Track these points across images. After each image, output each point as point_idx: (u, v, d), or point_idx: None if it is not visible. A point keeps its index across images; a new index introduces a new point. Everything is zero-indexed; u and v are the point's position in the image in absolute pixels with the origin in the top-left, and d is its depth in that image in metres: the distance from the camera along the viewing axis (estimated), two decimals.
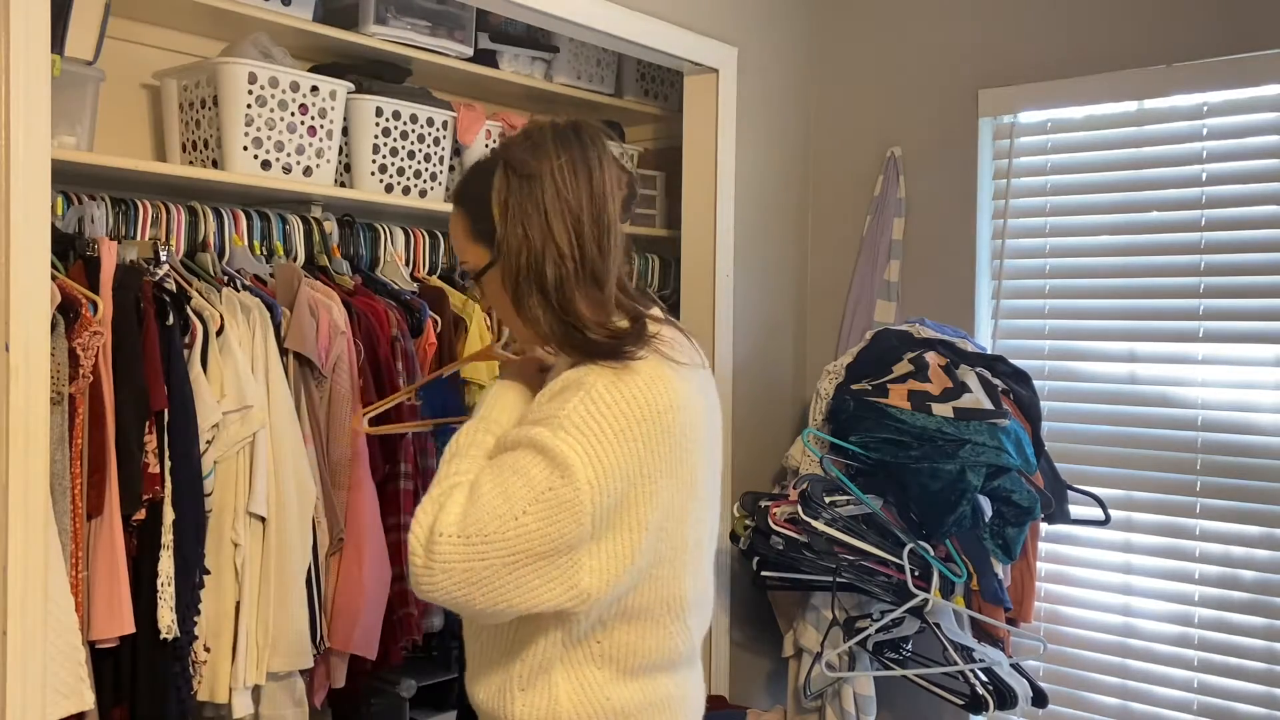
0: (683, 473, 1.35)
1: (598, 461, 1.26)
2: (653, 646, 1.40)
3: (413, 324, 2.41)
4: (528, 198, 1.35)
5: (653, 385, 1.31)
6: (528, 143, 1.38)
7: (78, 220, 2.05)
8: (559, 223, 1.34)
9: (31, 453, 1.60)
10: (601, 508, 1.27)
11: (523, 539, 1.24)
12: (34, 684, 1.62)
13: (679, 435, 1.33)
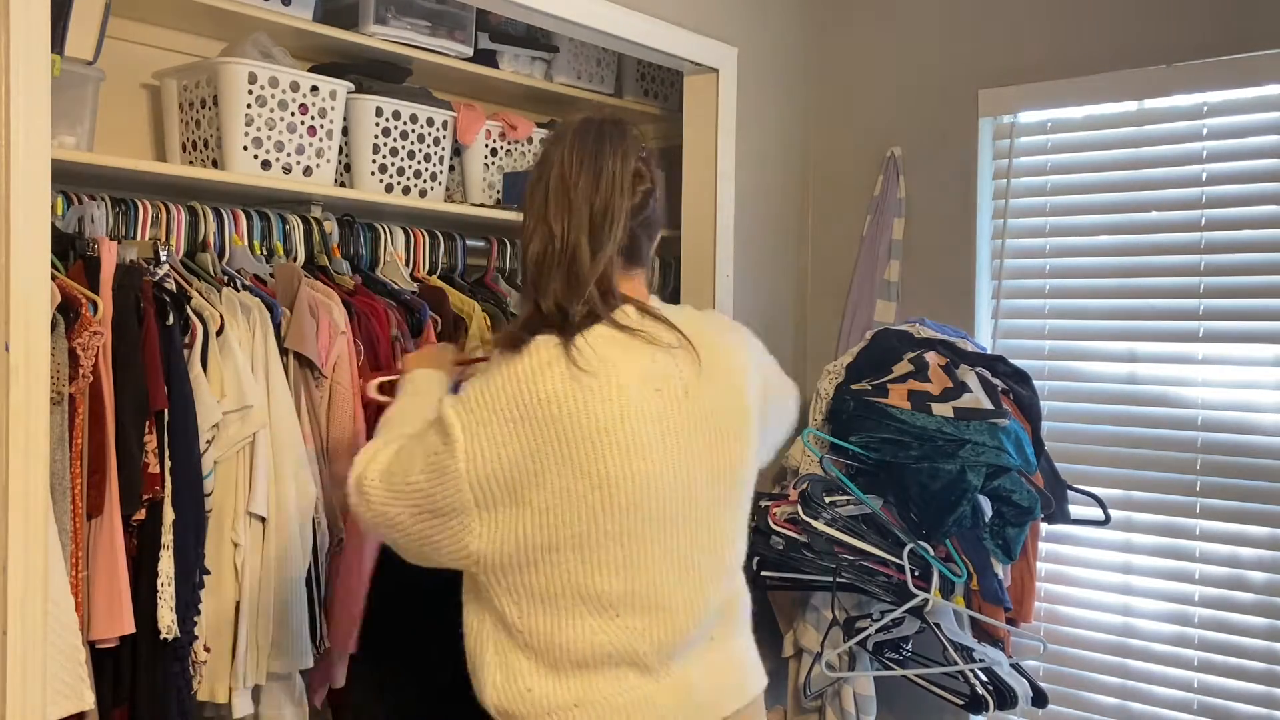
0: (581, 462, 1.35)
1: (477, 437, 1.34)
2: (574, 640, 1.39)
3: (413, 324, 2.41)
4: (537, 181, 1.45)
5: (538, 375, 1.35)
6: (552, 134, 1.49)
7: (78, 220, 2.05)
8: (553, 206, 1.42)
9: (31, 453, 1.60)
10: (481, 480, 1.35)
11: (418, 494, 1.38)
12: (34, 684, 1.62)
13: (570, 426, 1.34)
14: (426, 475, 1.37)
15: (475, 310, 2.53)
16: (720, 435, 1.47)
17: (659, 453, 1.39)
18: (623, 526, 1.38)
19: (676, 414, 1.42)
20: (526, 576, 1.39)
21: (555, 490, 1.35)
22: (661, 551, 1.42)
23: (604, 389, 1.36)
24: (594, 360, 1.37)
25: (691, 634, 1.47)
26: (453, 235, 2.71)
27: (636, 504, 1.38)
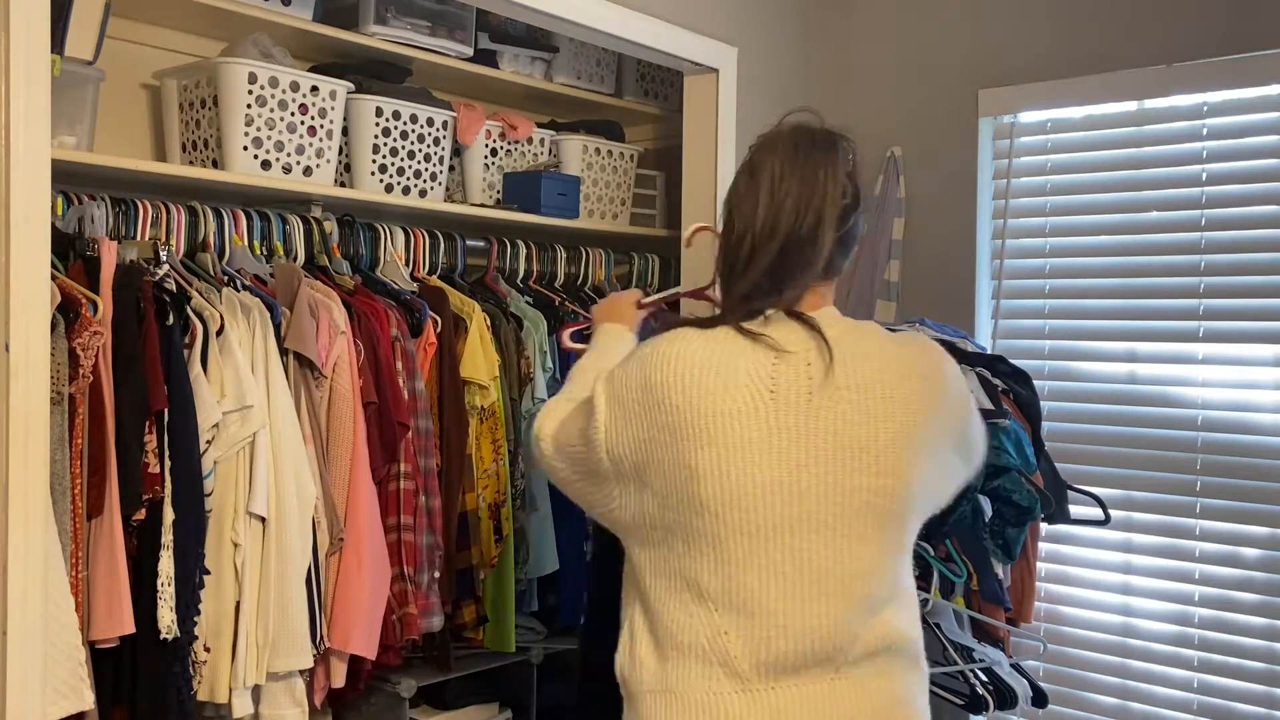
0: (682, 453, 1.35)
1: (614, 414, 1.42)
2: (677, 621, 1.40)
3: (413, 324, 2.41)
4: (748, 181, 1.46)
5: (660, 360, 1.39)
6: (764, 139, 1.50)
7: (78, 220, 2.05)
8: (764, 208, 1.43)
9: (31, 453, 1.60)
10: (615, 455, 1.42)
11: (577, 458, 1.49)
12: (34, 684, 1.62)
13: (678, 416, 1.36)
14: (581, 443, 1.47)
15: (475, 310, 2.53)
16: (853, 451, 1.38)
17: (761, 454, 1.36)
18: (716, 522, 1.36)
19: (792, 418, 1.37)
20: (649, 551, 1.45)
21: (664, 475, 1.39)
22: (759, 557, 1.37)
23: (714, 384, 1.36)
24: (715, 355, 1.38)
25: (801, 655, 1.38)
26: (453, 235, 2.71)
27: (730, 501, 1.36)
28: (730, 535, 1.37)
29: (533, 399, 2.68)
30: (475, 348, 2.50)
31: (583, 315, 2.26)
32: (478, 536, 2.49)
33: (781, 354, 1.38)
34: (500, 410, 2.55)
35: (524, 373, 2.65)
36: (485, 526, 2.51)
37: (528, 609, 2.73)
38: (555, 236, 3.04)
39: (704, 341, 1.39)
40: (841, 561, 1.39)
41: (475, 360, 2.49)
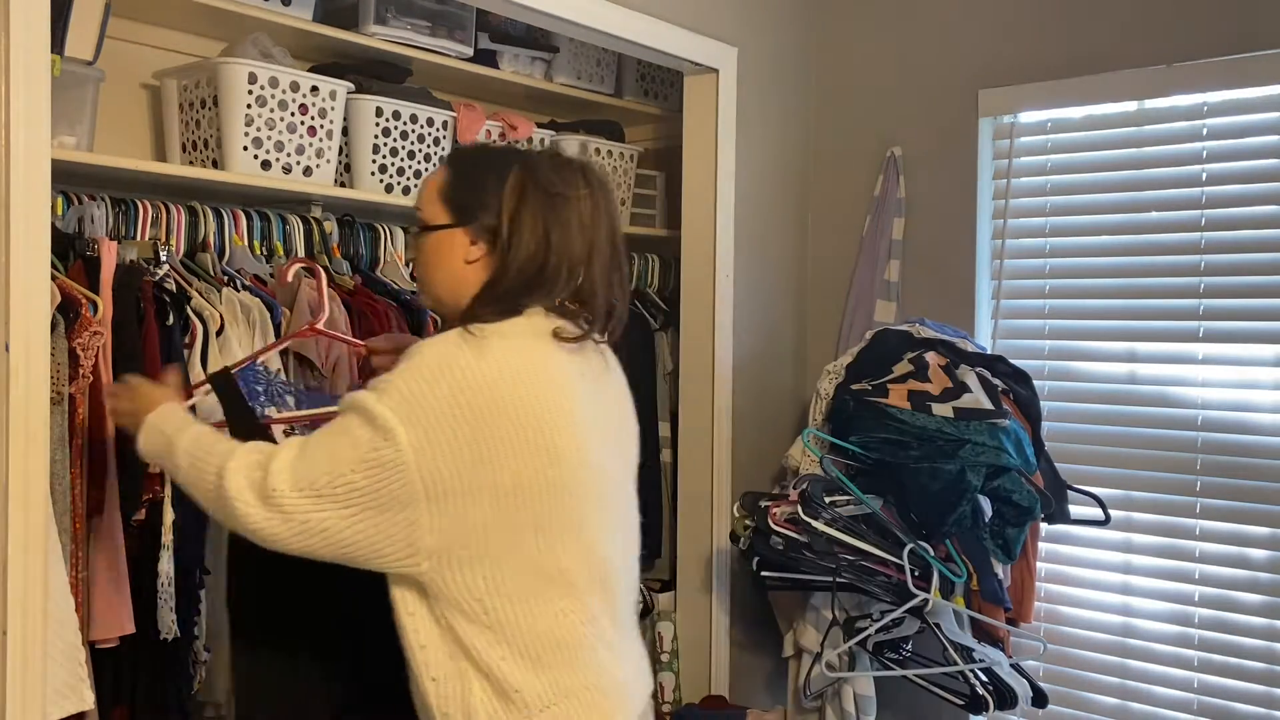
0: (534, 439, 1.37)
1: (421, 427, 1.33)
2: (550, 626, 1.40)
3: (413, 324, 2.41)
4: (553, 213, 1.47)
5: (478, 362, 1.37)
6: (553, 164, 1.51)
7: (77, 220, 2.05)
8: (577, 244, 1.48)
9: (31, 453, 1.60)
10: (431, 471, 1.33)
11: (356, 493, 1.33)
12: (34, 684, 1.62)
13: (527, 406, 1.37)
14: (365, 474, 1.33)
15: None
16: (628, 421, 1.64)
17: (599, 430, 1.49)
18: (577, 502, 1.42)
19: (602, 396, 1.53)
20: (486, 568, 1.37)
21: (514, 471, 1.36)
22: (607, 529, 1.50)
23: (559, 368, 1.43)
24: (529, 348, 1.42)
25: (631, 610, 1.58)
26: None
27: (589, 478, 1.44)
28: (591, 512, 1.45)
29: None
30: None
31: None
32: None
33: (578, 345, 1.49)
34: None
35: None
36: None
37: None
38: None
39: (510, 338, 1.41)
40: (634, 521, 1.64)
41: None
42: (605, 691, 1.45)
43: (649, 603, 3.00)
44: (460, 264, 1.49)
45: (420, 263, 1.57)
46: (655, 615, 3.01)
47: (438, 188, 1.53)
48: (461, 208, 1.49)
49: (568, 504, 1.41)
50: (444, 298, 1.52)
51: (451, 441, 1.34)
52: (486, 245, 1.48)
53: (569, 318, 1.49)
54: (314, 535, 1.35)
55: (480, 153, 1.61)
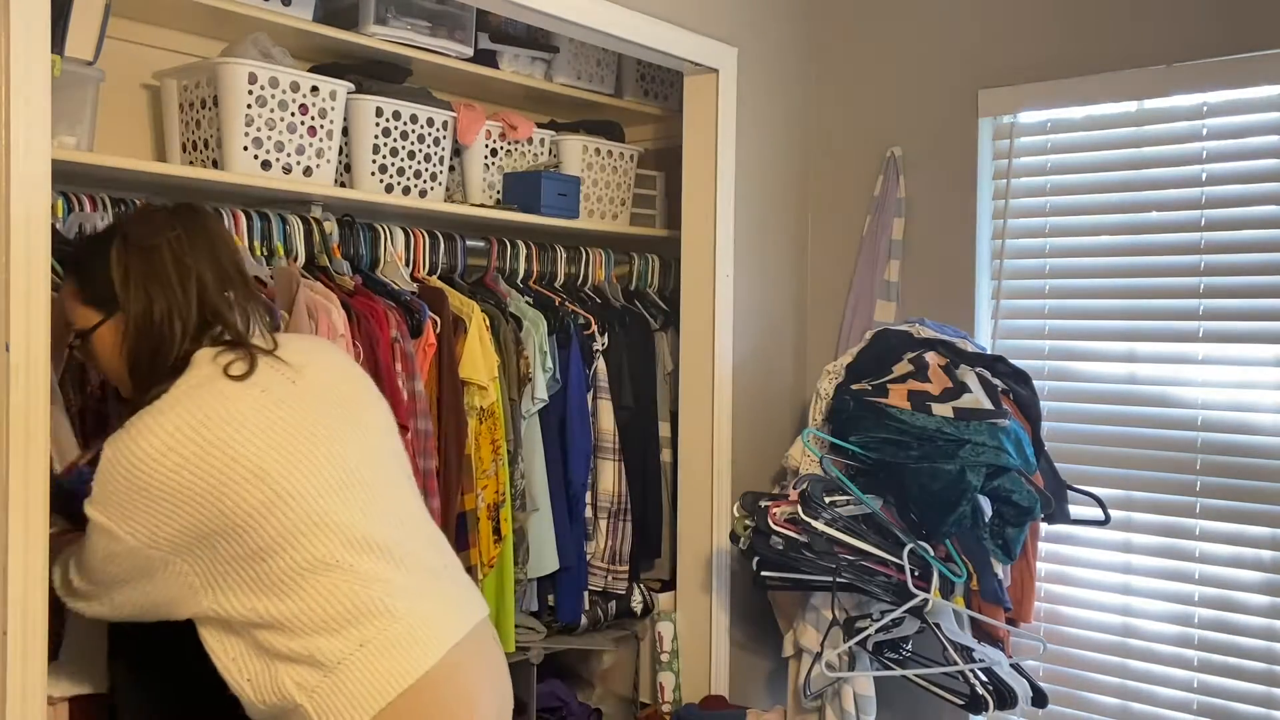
0: (242, 473, 1.46)
1: (130, 516, 1.45)
2: (326, 606, 1.50)
3: (412, 325, 2.41)
4: (148, 266, 1.55)
5: (156, 430, 1.46)
6: (142, 219, 1.62)
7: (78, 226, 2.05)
8: (178, 283, 1.56)
9: (31, 453, 1.60)
10: (162, 540, 1.46)
11: (119, 576, 1.51)
12: (34, 684, 1.62)
13: (216, 450, 1.46)
14: (114, 562, 1.49)
15: (475, 311, 2.53)
16: (347, 401, 1.64)
17: (296, 436, 1.53)
18: (305, 502, 1.50)
19: (297, 401, 1.56)
20: (253, 585, 1.49)
21: (230, 509, 1.46)
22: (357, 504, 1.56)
23: (219, 412, 1.49)
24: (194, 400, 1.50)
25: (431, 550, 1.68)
26: (453, 235, 2.71)
27: (302, 483, 1.50)
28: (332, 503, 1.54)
29: (532, 399, 2.68)
30: (474, 348, 2.50)
31: None
32: (477, 537, 2.49)
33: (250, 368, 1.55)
34: (499, 411, 2.55)
35: (523, 373, 2.65)
36: (484, 527, 2.51)
37: (527, 609, 2.74)
38: (555, 237, 3.04)
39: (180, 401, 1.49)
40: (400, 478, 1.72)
41: (474, 361, 2.49)
42: (409, 629, 1.53)
43: (649, 603, 3.00)
44: (114, 352, 1.59)
45: (100, 368, 1.67)
46: (655, 615, 3.01)
47: (72, 294, 1.62)
48: (102, 300, 1.58)
49: (297, 508, 1.49)
50: (137, 391, 1.59)
51: (168, 513, 1.45)
52: (122, 324, 1.57)
53: (232, 348, 1.56)
54: (121, 608, 1.55)
55: (89, 243, 1.67)
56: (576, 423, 2.78)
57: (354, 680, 1.48)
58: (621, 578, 2.90)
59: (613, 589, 2.89)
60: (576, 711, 2.94)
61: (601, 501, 2.87)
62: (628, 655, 3.12)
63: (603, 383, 2.88)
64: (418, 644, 1.52)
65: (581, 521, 2.82)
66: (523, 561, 2.63)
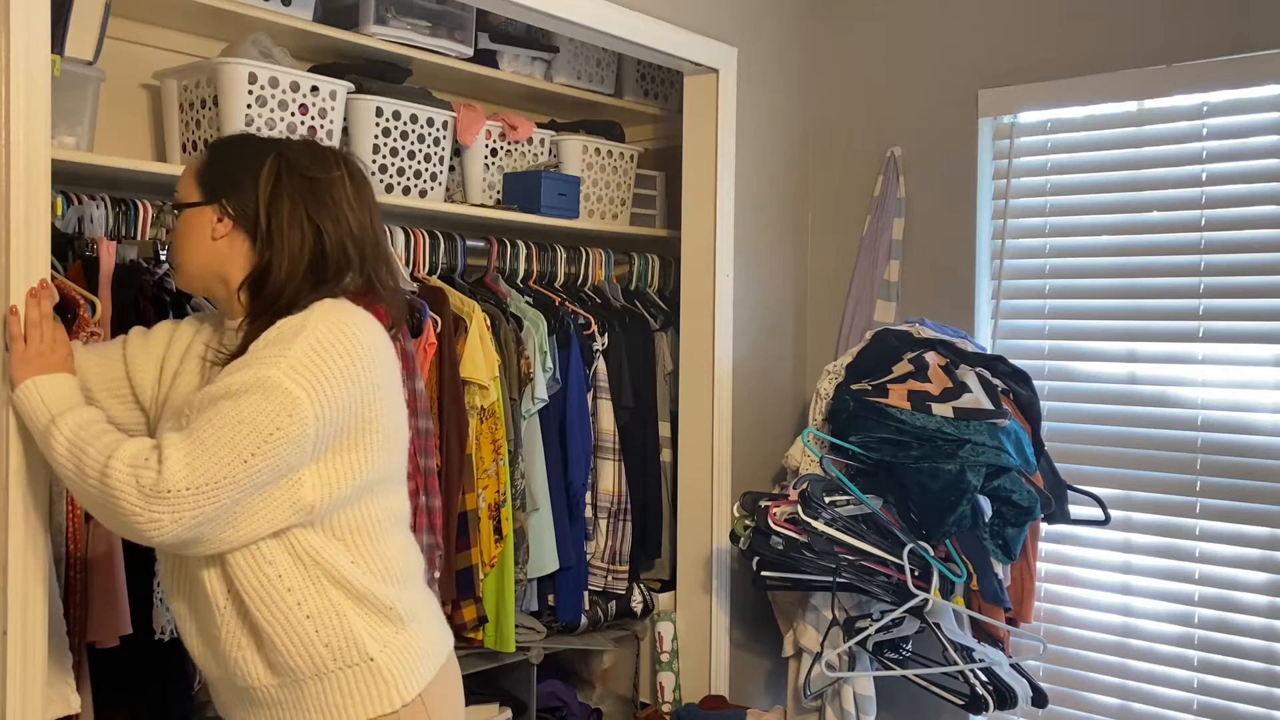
0: (395, 399, 1.54)
1: (323, 395, 1.41)
2: (397, 554, 1.54)
3: (412, 324, 2.41)
4: (311, 197, 1.53)
5: (361, 323, 1.49)
6: (307, 149, 1.58)
7: (77, 220, 2.05)
8: (349, 222, 1.54)
9: (31, 453, 1.60)
10: (323, 435, 1.42)
11: (252, 477, 1.38)
12: (34, 684, 1.62)
13: (386, 369, 1.52)
14: (266, 455, 1.38)
15: (475, 310, 2.53)
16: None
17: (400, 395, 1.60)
18: (400, 452, 1.58)
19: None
20: (354, 508, 1.48)
21: (385, 427, 1.50)
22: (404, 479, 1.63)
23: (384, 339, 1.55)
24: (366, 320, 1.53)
25: None
26: (453, 235, 2.71)
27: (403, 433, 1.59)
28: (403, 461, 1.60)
29: (533, 399, 2.68)
30: (475, 348, 2.50)
31: None
32: (478, 536, 2.49)
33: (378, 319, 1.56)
34: (500, 410, 2.55)
35: (524, 373, 2.65)
36: (485, 526, 2.51)
37: (527, 609, 2.74)
38: (555, 236, 3.04)
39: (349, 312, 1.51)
40: None
41: (475, 360, 2.49)
42: (436, 611, 1.62)
43: (649, 602, 3.00)
44: (208, 241, 1.54)
45: (173, 242, 1.62)
46: (655, 615, 3.01)
47: (194, 168, 1.58)
48: (211, 186, 1.55)
49: (401, 452, 1.57)
50: (194, 272, 1.57)
51: (345, 401, 1.43)
52: (231, 223, 1.53)
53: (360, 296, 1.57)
54: (202, 523, 1.37)
55: (241, 138, 1.67)
56: (576, 423, 2.78)
57: (421, 639, 1.53)
58: (621, 578, 2.90)
59: (613, 589, 2.89)
60: (576, 711, 2.94)
61: (601, 501, 2.87)
62: (628, 655, 3.12)
63: (603, 383, 2.88)
64: (439, 620, 1.62)
65: (581, 521, 2.82)
66: (523, 561, 2.63)
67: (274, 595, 1.44)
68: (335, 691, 1.46)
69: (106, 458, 1.38)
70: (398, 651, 1.49)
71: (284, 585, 1.44)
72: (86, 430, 1.44)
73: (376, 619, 1.48)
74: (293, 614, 1.44)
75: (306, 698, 1.47)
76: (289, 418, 1.38)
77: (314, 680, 1.46)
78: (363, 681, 1.47)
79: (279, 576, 1.44)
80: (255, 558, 1.43)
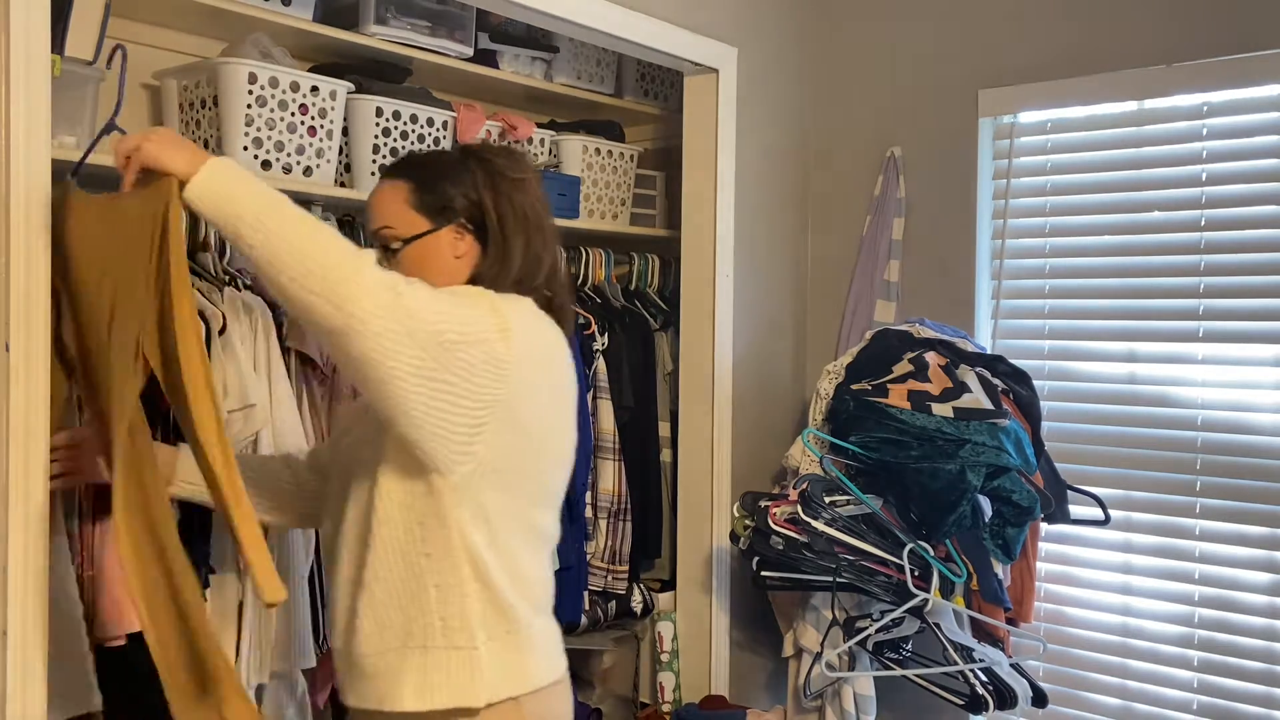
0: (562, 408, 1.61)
1: (525, 346, 1.47)
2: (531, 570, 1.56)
3: None
4: (520, 195, 1.59)
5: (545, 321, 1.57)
6: (504, 152, 1.64)
7: None
8: (545, 222, 1.62)
9: (31, 452, 1.60)
10: (515, 388, 1.45)
11: (459, 359, 1.39)
12: (34, 684, 1.62)
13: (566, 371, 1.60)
14: (473, 357, 1.40)
15: None
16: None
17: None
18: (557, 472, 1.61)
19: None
20: (506, 494, 1.50)
21: (551, 420, 1.55)
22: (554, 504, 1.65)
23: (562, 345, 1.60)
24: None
25: None
26: None
27: (567, 460, 1.64)
28: (560, 490, 1.62)
29: None
30: None
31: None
32: None
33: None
34: None
35: None
36: None
37: None
38: None
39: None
40: None
41: None
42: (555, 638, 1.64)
43: (649, 602, 3.00)
44: (451, 260, 1.58)
45: (408, 273, 1.56)
46: (655, 615, 3.01)
47: (403, 201, 1.59)
48: (436, 210, 1.58)
49: (562, 478, 1.61)
50: None
51: (533, 372, 1.48)
52: (471, 237, 1.59)
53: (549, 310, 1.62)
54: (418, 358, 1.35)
55: (428, 158, 1.71)
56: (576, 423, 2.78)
57: (530, 651, 1.52)
58: (621, 578, 2.90)
59: (613, 589, 2.89)
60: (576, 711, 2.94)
61: (601, 501, 2.87)
62: (628, 655, 3.12)
63: (603, 383, 2.88)
64: (559, 651, 1.63)
65: (581, 521, 2.81)
66: None
67: (411, 557, 1.47)
68: (434, 670, 1.47)
69: (354, 249, 1.37)
70: (501, 650, 1.49)
71: (423, 549, 1.46)
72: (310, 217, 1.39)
73: (494, 613, 1.49)
74: (423, 578, 1.46)
75: (406, 670, 1.47)
76: (501, 340, 1.43)
77: (418, 652, 1.47)
78: (462, 668, 1.47)
79: (423, 540, 1.46)
80: (406, 516, 1.47)
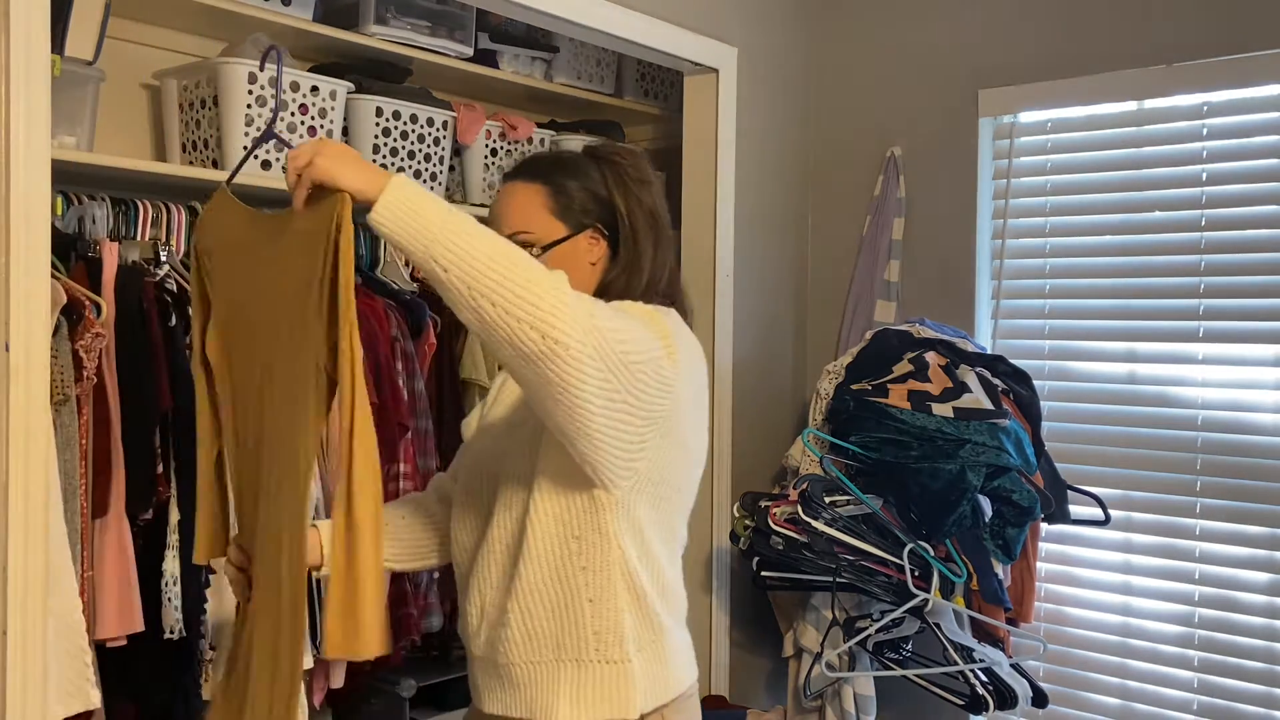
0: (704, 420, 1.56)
1: (686, 368, 1.44)
2: (676, 584, 1.56)
3: (413, 324, 2.41)
4: (650, 199, 1.61)
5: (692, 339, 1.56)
6: (626, 152, 1.66)
7: (78, 220, 2.05)
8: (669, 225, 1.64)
9: (31, 453, 1.60)
10: (676, 409, 1.42)
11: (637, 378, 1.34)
12: (34, 684, 1.62)
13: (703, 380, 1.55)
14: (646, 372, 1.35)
15: None
16: None
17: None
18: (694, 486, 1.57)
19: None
20: (660, 509, 1.49)
21: (699, 442, 1.53)
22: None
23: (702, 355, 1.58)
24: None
25: None
26: None
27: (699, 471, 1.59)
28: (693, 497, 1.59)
29: None
30: (475, 348, 2.50)
31: None
32: None
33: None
34: None
35: None
36: None
37: None
38: None
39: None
40: None
41: (475, 360, 2.49)
42: (689, 645, 1.64)
43: None
44: (586, 267, 1.56)
45: None
46: None
47: (541, 204, 1.55)
48: (573, 214, 1.56)
49: (693, 489, 1.58)
50: None
51: (689, 386, 1.46)
52: (605, 242, 1.58)
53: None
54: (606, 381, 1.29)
55: (557, 159, 1.68)
56: None
57: (672, 659, 1.53)
58: None
59: None
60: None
61: None
62: None
63: None
64: (693, 657, 1.64)
65: None
66: None
67: (566, 570, 1.45)
68: (589, 684, 1.46)
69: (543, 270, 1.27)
70: (651, 660, 1.49)
71: (579, 563, 1.45)
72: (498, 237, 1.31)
73: (643, 625, 1.48)
74: (578, 591, 1.44)
75: (561, 682, 1.46)
76: (669, 358, 1.39)
77: (572, 665, 1.45)
78: (616, 681, 1.46)
79: (579, 553, 1.44)
80: (562, 530, 1.44)
